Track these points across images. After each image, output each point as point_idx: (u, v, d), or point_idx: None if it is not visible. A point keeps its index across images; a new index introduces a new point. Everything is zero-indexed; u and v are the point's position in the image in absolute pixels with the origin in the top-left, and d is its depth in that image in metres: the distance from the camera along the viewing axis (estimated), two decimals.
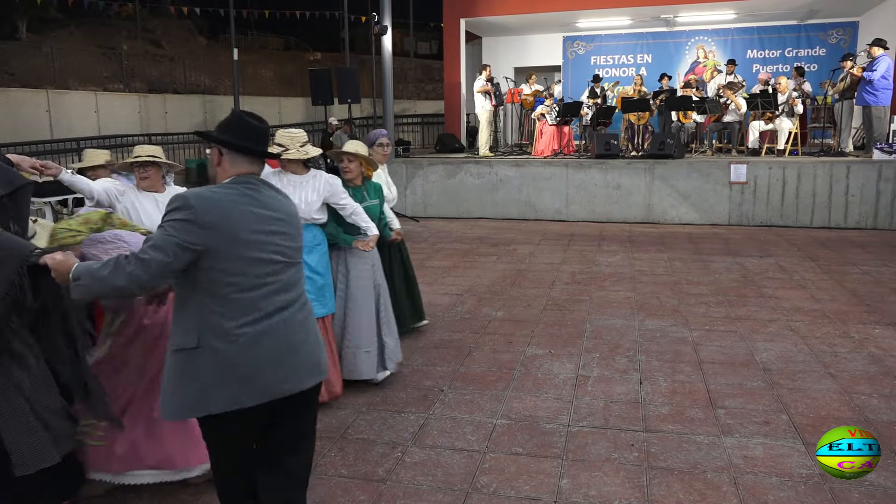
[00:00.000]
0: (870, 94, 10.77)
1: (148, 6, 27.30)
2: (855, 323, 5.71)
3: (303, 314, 2.44)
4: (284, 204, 2.43)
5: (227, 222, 2.22)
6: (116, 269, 2.19)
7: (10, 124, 14.43)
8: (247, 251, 2.26)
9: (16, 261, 2.48)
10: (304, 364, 2.39)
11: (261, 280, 2.28)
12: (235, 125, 2.36)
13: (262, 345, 2.28)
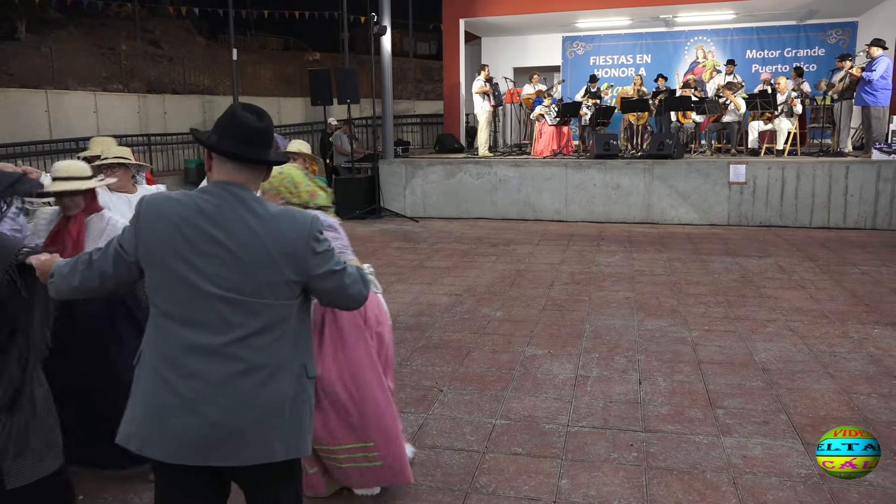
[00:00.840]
0: (869, 94, 10.78)
1: (147, 6, 27.26)
2: (854, 323, 5.71)
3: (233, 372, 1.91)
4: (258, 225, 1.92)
5: (158, 234, 1.91)
6: (73, 268, 2.05)
7: (8, 124, 14.42)
8: (174, 270, 1.90)
9: (6, 259, 2.40)
10: (181, 430, 1.89)
11: (187, 308, 1.91)
12: (226, 122, 1.99)
13: (145, 381, 1.95)
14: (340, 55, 23.16)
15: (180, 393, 1.88)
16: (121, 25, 26.00)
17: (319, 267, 1.98)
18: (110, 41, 23.86)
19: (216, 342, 1.90)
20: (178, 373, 1.89)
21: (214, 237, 1.90)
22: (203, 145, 2.01)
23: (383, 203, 12.39)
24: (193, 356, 1.90)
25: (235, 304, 1.90)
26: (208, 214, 1.91)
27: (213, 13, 22.10)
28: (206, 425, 1.88)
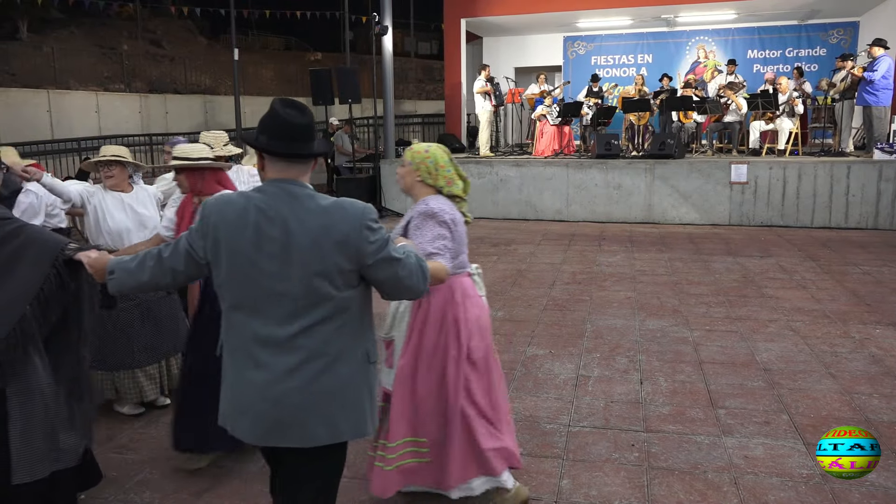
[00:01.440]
0: (870, 94, 10.77)
1: (148, 6, 27.30)
2: (855, 323, 5.71)
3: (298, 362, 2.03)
4: (313, 219, 2.00)
5: (223, 235, 2.03)
6: (142, 264, 2.16)
7: (10, 124, 14.43)
8: (241, 266, 2.02)
9: (50, 253, 2.45)
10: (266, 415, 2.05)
11: (257, 299, 2.03)
12: (271, 122, 2.07)
13: (227, 370, 2.13)
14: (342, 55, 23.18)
15: (252, 381, 2.04)
16: (122, 25, 26.04)
17: (373, 256, 2.03)
18: (112, 41, 23.88)
19: (282, 333, 2.02)
20: (249, 362, 2.04)
21: (273, 234, 1.99)
22: (254, 148, 2.10)
23: (384, 203, 12.39)
24: (262, 347, 2.03)
25: (297, 297, 2.00)
26: (265, 213, 2.01)
27: (214, 13, 22.13)
28: (274, 410, 2.03)
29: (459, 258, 2.85)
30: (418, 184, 2.88)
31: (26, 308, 2.42)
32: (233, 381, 2.10)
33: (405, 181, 2.92)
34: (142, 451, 3.65)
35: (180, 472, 3.44)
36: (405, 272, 2.09)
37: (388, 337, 2.94)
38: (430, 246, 2.66)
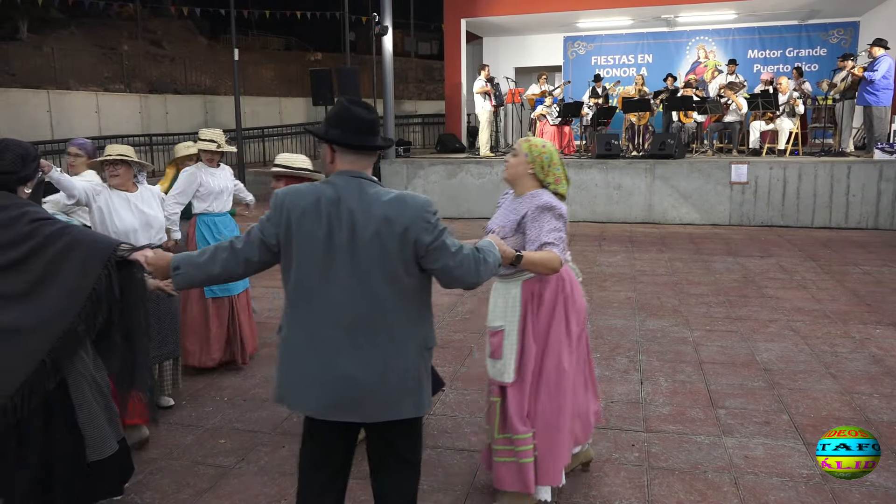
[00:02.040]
0: (870, 94, 10.77)
1: (149, 6, 27.30)
2: (856, 323, 5.71)
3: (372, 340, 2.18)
4: (381, 210, 2.15)
5: (296, 224, 2.18)
6: (213, 256, 2.27)
7: (11, 125, 14.44)
8: (312, 253, 2.17)
9: (103, 254, 2.49)
10: (338, 394, 2.20)
11: (325, 283, 2.17)
12: (344, 118, 2.22)
13: (292, 350, 2.25)
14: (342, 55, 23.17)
15: (323, 361, 2.18)
16: (122, 25, 26.05)
17: (429, 246, 2.18)
18: (112, 41, 23.89)
19: (348, 319, 2.17)
20: (319, 344, 2.18)
21: (342, 224, 2.15)
22: (327, 142, 2.24)
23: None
24: (330, 329, 2.17)
25: (364, 283, 2.16)
26: (336, 203, 2.16)
27: (214, 13, 22.14)
28: (345, 388, 2.18)
29: (566, 252, 2.94)
30: (528, 176, 2.95)
31: (79, 308, 2.46)
32: (301, 361, 2.22)
33: (515, 171, 2.98)
34: (142, 451, 3.65)
35: (181, 473, 3.44)
36: (456, 263, 2.23)
37: (496, 327, 2.96)
38: (545, 237, 2.79)
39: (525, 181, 2.97)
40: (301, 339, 2.22)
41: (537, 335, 2.91)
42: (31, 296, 2.43)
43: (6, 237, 2.40)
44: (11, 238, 2.41)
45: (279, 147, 18.75)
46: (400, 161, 12.77)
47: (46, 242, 2.44)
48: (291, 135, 19.48)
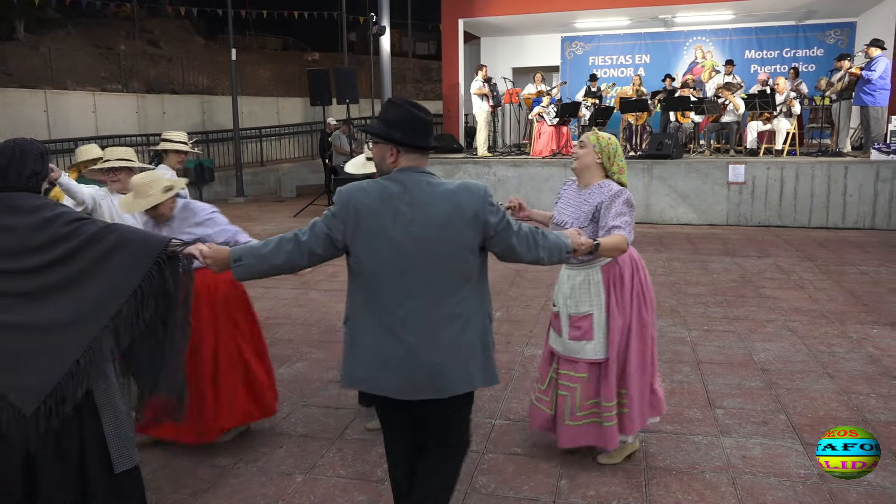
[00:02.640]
0: (867, 94, 10.79)
1: (146, 6, 27.24)
2: (853, 323, 5.72)
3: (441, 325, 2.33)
4: (441, 202, 2.31)
5: (363, 218, 2.30)
6: (278, 248, 2.37)
7: (7, 125, 14.41)
8: (379, 246, 2.30)
9: (153, 251, 2.45)
10: (410, 375, 2.33)
11: (396, 274, 2.30)
12: (406, 120, 2.37)
13: (367, 338, 2.37)
14: (339, 55, 23.16)
15: (400, 342, 2.31)
16: (119, 25, 26.00)
17: (496, 228, 2.36)
18: (109, 41, 23.85)
19: (422, 302, 2.31)
20: (394, 327, 2.31)
21: (412, 215, 2.29)
22: (394, 144, 2.36)
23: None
24: (405, 312, 2.31)
25: (435, 268, 2.31)
26: (403, 198, 2.30)
27: (211, 13, 22.09)
28: (422, 367, 2.31)
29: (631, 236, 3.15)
30: (596, 165, 3.22)
31: (122, 305, 2.40)
32: (375, 345, 2.34)
33: (584, 160, 3.23)
34: (140, 452, 3.64)
35: (179, 473, 3.43)
36: (519, 241, 2.42)
37: (583, 313, 3.25)
38: (613, 221, 3.05)
39: (592, 171, 3.23)
40: (377, 327, 2.34)
41: (623, 313, 3.22)
42: (69, 292, 2.37)
43: (42, 239, 2.36)
44: (49, 239, 2.36)
45: (276, 147, 18.73)
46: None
47: (92, 240, 2.39)
48: (289, 135, 19.46)
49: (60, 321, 2.35)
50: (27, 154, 2.45)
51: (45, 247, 2.35)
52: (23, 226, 2.35)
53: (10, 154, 2.42)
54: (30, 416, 2.31)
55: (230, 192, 16.30)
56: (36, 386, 2.32)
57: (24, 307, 2.32)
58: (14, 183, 2.41)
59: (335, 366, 4.85)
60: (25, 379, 2.31)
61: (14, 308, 2.32)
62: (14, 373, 2.31)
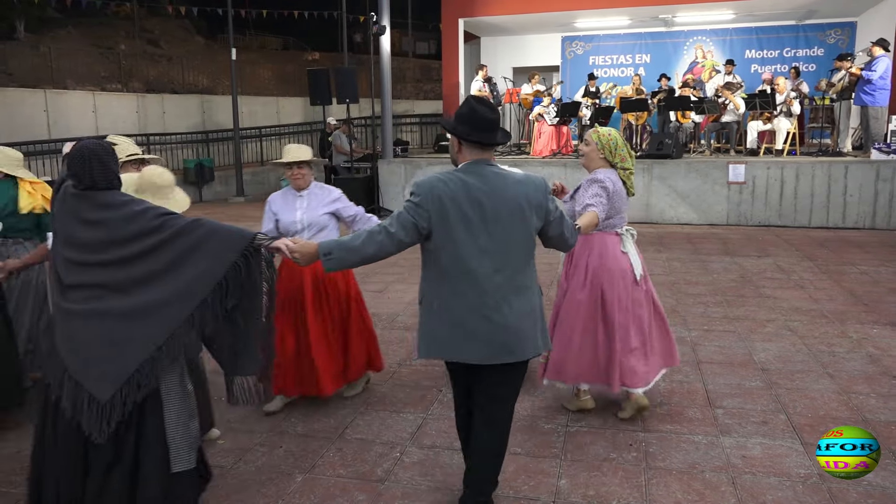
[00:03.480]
0: (868, 94, 10.79)
1: (146, 6, 27.23)
2: (853, 323, 5.71)
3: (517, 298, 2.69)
4: (519, 189, 2.67)
5: (444, 207, 2.60)
6: (369, 240, 2.62)
7: (8, 124, 14.41)
8: (459, 231, 2.61)
9: (239, 244, 2.55)
10: (488, 343, 2.66)
11: (475, 255, 2.63)
12: (470, 117, 2.67)
13: (450, 313, 2.67)
14: (339, 55, 23.15)
15: (481, 315, 2.64)
16: (119, 25, 25.99)
17: (553, 215, 2.75)
18: (109, 41, 23.85)
19: (498, 278, 2.65)
20: (476, 301, 2.64)
21: (486, 202, 2.62)
22: (461, 139, 2.69)
23: (382, 203, 12.39)
24: (486, 288, 2.63)
25: (508, 249, 2.66)
26: (478, 186, 2.62)
27: (211, 13, 22.10)
28: (502, 333, 2.66)
29: (612, 219, 3.66)
30: (599, 159, 3.71)
31: (207, 295, 2.50)
32: (458, 318, 2.66)
33: (589, 157, 3.74)
34: None
35: None
36: (565, 228, 2.84)
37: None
38: (588, 199, 3.54)
39: (596, 163, 3.72)
40: (459, 303, 2.65)
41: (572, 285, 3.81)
42: (156, 282, 2.48)
43: (132, 231, 2.49)
44: (138, 231, 2.49)
45: (276, 146, 18.72)
46: (398, 161, 12.76)
47: (180, 233, 2.51)
48: (289, 134, 19.44)
49: (146, 309, 2.46)
50: (110, 155, 2.60)
51: (134, 239, 2.49)
52: (114, 220, 2.50)
53: (96, 157, 2.54)
54: (104, 403, 2.41)
55: (230, 192, 16.30)
56: (114, 373, 2.42)
57: (113, 296, 2.46)
58: (102, 183, 2.55)
59: None
60: (105, 366, 2.42)
61: (103, 297, 2.47)
62: (93, 362, 2.43)
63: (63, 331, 2.50)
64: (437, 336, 2.71)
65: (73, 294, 2.49)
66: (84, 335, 2.45)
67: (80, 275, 2.49)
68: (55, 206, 2.62)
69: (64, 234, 2.55)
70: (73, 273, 2.50)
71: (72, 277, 2.50)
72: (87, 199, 2.53)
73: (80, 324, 2.46)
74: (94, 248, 2.49)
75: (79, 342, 2.46)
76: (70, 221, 2.54)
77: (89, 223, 2.51)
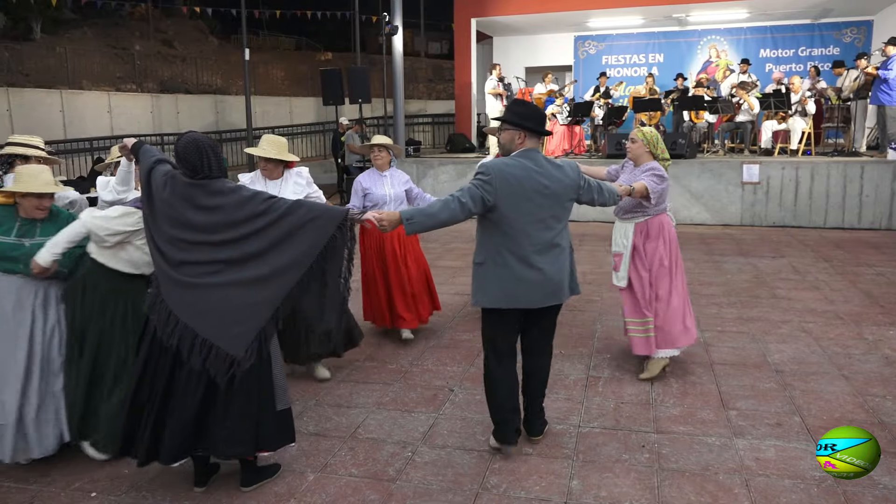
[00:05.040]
0: (884, 93, 10.67)
1: (160, 7, 27.44)
2: (869, 324, 5.66)
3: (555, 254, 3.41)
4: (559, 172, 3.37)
5: (510, 185, 3.24)
6: (443, 207, 3.22)
7: (24, 124, 14.55)
8: (521, 204, 3.26)
9: (336, 219, 3.02)
10: (539, 289, 3.36)
11: (529, 223, 3.29)
12: (532, 114, 3.41)
13: (509, 270, 3.32)
14: (352, 55, 23.19)
15: (533, 268, 3.33)
16: (134, 26, 26.19)
17: (582, 189, 3.51)
18: (124, 41, 24.03)
19: (547, 239, 3.36)
20: (530, 258, 3.32)
21: (543, 182, 3.31)
22: (524, 129, 3.35)
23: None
24: (537, 247, 3.33)
25: (555, 217, 3.38)
26: (535, 168, 3.31)
27: (225, 13, 22.18)
28: (549, 283, 3.38)
29: (664, 203, 4.46)
30: (646, 154, 4.43)
31: (312, 262, 2.98)
32: (507, 273, 3.32)
33: (636, 152, 4.45)
34: None
35: (191, 471, 3.46)
36: (595, 192, 3.60)
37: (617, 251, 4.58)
38: (641, 177, 4.29)
39: (645, 157, 4.45)
40: (515, 260, 3.31)
41: (644, 258, 4.47)
42: (268, 255, 2.94)
43: (244, 214, 2.93)
44: (250, 213, 2.93)
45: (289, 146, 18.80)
46: (410, 161, 12.77)
47: (287, 213, 2.95)
48: (301, 134, 19.52)
49: (265, 278, 2.94)
50: (216, 147, 3.02)
51: (246, 221, 2.93)
52: (228, 205, 2.94)
53: (211, 150, 2.98)
54: (238, 357, 2.91)
55: None
56: (245, 333, 2.92)
57: (231, 270, 2.93)
58: (215, 173, 2.97)
59: (343, 364, 4.87)
60: (236, 329, 2.91)
61: (222, 272, 2.92)
62: (221, 323, 2.90)
63: (183, 298, 2.92)
64: (494, 288, 3.34)
65: (188, 269, 2.92)
66: (210, 303, 2.91)
67: (194, 253, 2.93)
68: (158, 192, 2.96)
69: (174, 218, 2.93)
70: (184, 251, 2.93)
71: (183, 255, 2.93)
72: (201, 188, 2.94)
73: (204, 294, 2.91)
74: (208, 230, 2.92)
75: (206, 309, 2.90)
76: (183, 207, 2.93)
77: (205, 208, 2.92)
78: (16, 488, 3.34)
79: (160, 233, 2.95)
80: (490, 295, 3.35)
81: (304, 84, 23.76)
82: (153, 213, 2.98)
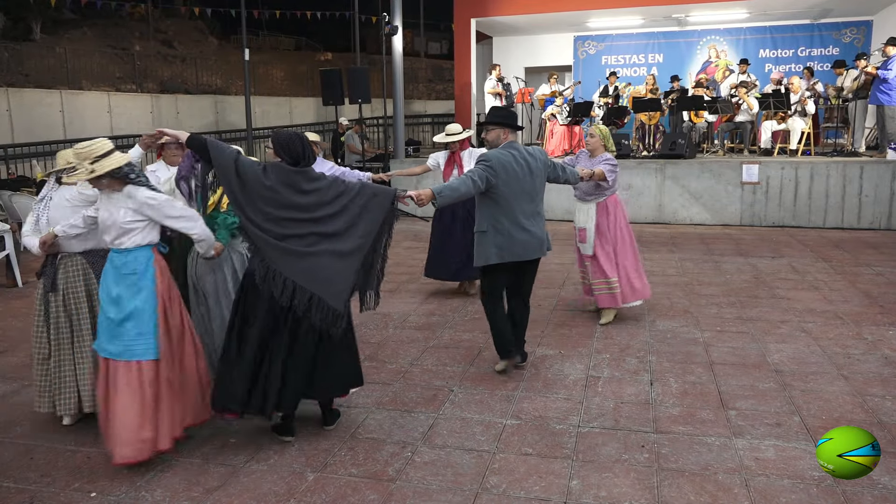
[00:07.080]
0: (883, 93, 10.68)
1: (160, 7, 27.43)
2: (868, 324, 5.66)
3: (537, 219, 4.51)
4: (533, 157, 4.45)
5: (505, 168, 4.30)
6: (462, 183, 4.17)
7: (24, 124, 14.55)
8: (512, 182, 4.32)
9: (390, 197, 3.70)
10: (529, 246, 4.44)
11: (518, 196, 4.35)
12: (510, 116, 4.59)
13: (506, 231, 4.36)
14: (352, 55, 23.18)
15: (523, 229, 4.39)
16: (134, 26, 26.19)
17: (551, 167, 4.64)
18: (124, 42, 24.03)
19: (532, 209, 4.46)
20: (520, 221, 4.38)
21: (527, 166, 4.39)
22: (511, 128, 4.51)
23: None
24: (524, 214, 4.40)
25: (537, 191, 4.49)
26: (520, 155, 4.40)
27: (225, 13, 22.16)
28: (536, 241, 4.46)
29: (616, 186, 5.60)
30: (601, 147, 5.54)
31: (377, 233, 3.67)
32: (505, 235, 4.36)
33: (595, 145, 5.55)
34: None
35: (191, 471, 3.46)
36: (560, 171, 4.75)
37: (582, 227, 5.66)
38: (600, 164, 5.40)
39: (599, 149, 5.56)
40: (510, 225, 4.35)
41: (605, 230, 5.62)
42: (351, 230, 3.61)
43: (332, 194, 3.59)
44: (336, 194, 3.60)
45: None
46: (410, 161, 12.76)
47: (359, 194, 3.64)
48: None
49: (351, 248, 3.61)
50: (306, 140, 3.63)
51: (334, 200, 3.60)
52: (323, 188, 3.59)
53: (306, 143, 3.61)
54: (340, 311, 3.57)
55: None
56: (343, 290, 3.60)
57: (327, 241, 3.57)
58: (308, 161, 3.61)
59: None
60: (336, 287, 3.58)
61: (320, 242, 3.57)
62: (328, 284, 3.55)
63: (297, 265, 3.51)
64: (493, 247, 4.35)
65: (294, 242, 3.52)
66: (319, 268, 3.54)
67: (298, 228, 3.53)
68: (257, 180, 3.46)
69: (279, 201, 3.49)
70: (288, 228, 3.52)
71: (290, 230, 3.52)
72: (303, 175, 3.56)
73: (314, 261, 3.53)
74: (309, 209, 3.54)
75: (314, 272, 3.52)
76: (289, 192, 3.52)
77: (305, 192, 3.55)
78: (15, 488, 3.35)
79: (259, 213, 3.48)
80: (488, 254, 4.37)
81: (303, 84, 23.75)
82: (247, 197, 3.48)
